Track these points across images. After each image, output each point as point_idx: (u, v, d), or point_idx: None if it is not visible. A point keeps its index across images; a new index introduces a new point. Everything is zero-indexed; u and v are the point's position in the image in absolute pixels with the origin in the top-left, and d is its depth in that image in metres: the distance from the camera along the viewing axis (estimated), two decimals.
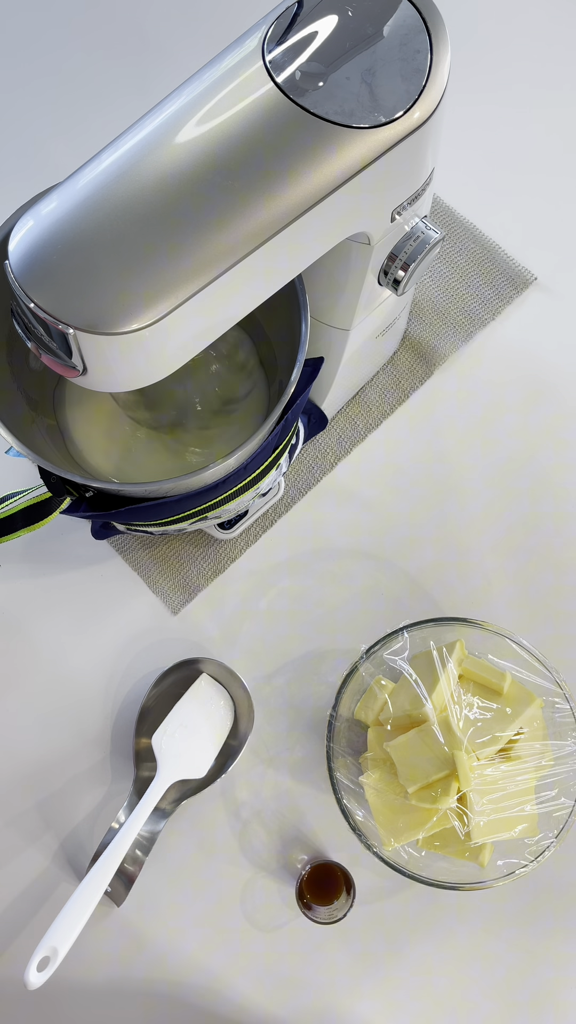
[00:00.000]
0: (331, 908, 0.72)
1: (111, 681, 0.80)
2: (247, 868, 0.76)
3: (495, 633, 0.73)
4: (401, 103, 0.50)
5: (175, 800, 0.75)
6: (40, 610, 0.82)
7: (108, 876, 0.68)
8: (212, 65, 0.51)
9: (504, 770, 0.68)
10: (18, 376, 0.68)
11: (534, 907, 0.75)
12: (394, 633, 0.73)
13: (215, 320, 0.52)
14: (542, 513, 0.84)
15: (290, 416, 0.65)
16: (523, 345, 0.90)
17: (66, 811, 0.77)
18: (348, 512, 0.85)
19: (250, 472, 0.65)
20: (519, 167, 0.96)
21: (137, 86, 0.99)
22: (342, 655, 0.80)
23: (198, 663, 0.78)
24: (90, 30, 1.01)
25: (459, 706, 0.69)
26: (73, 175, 0.50)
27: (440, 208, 0.94)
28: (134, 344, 0.48)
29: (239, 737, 0.77)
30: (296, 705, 0.79)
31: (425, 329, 0.90)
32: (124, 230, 0.47)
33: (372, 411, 0.87)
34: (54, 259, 0.47)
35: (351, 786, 0.71)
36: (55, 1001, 0.73)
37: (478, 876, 0.69)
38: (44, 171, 0.83)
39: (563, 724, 0.72)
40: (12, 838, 0.76)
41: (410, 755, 0.68)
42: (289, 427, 0.66)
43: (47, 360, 0.51)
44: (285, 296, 0.62)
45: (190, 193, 0.48)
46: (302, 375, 0.65)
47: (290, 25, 0.51)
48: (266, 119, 0.49)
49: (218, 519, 0.72)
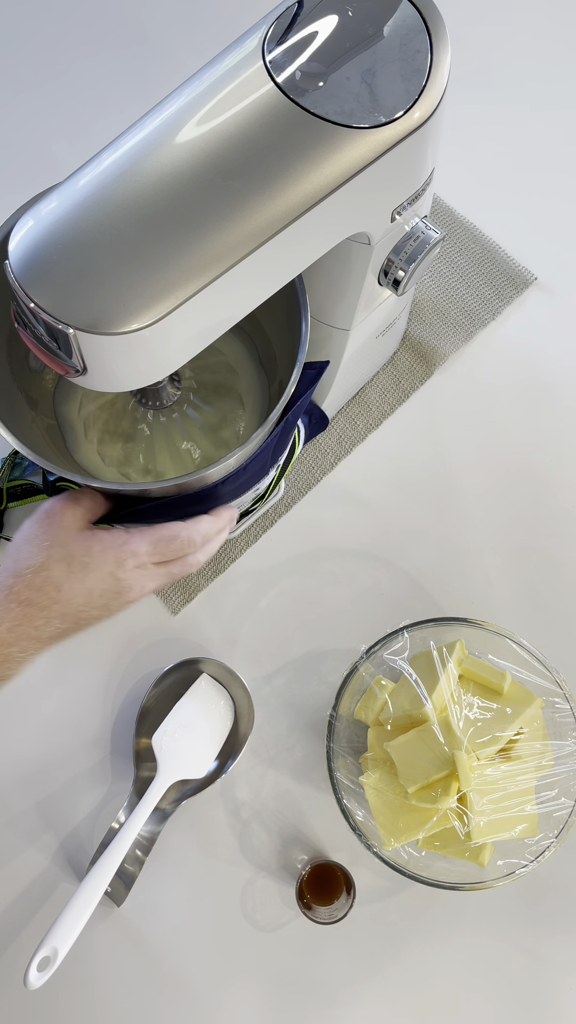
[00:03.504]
0: (331, 908, 0.72)
1: (111, 681, 0.80)
2: (247, 868, 0.76)
3: (495, 633, 0.73)
4: (401, 103, 0.50)
5: (175, 800, 0.75)
6: None
7: (108, 876, 0.68)
8: (212, 65, 0.51)
9: (504, 770, 0.68)
10: (18, 376, 0.68)
11: (534, 907, 0.75)
12: (394, 633, 0.73)
13: (215, 320, 0.52)
14: (542, 513, 0.84)
15: (290, 418, 0.64)
16: (523, 345, 0.90)
17: (66, 811, 0.77)
18: (348, 512, 0.85)
19: (249, 473, 0.65)
20: (519, 167, 0.96)
21: (137, 86, 0.98)
22: (342, 655, 0.80)
23: (198, 663, 0.78)
24: (90, 30, 1.01)
25: (459, 706, 0.69)
26: (73, 175, 0.50)
27: (440, 208, 0.94)
28: (134, 344, 0.48)
29: (239, 737, 0.77)
30: (296, 705, 0.79)
31: (425, 329, 0.90)
32: (124, 230, 0.47)
33: (372, 411, 0.87)
34: (54, 259, 0.47)
35: (351, 786, 0.71)
36: (55, 1001, 0.73)
37: (478, 876, 0.69)
38: (44, 171, 0.83)
39: (563, 724, 0.72)
40: (12, 838, 0.76)
41: (410, 755, 0.68)
42: (290, 429, 0.66)
43: (47, 360, 0.51)
44: (285, 296, 0.62)
45: (190, 193, 0.48)
46: (305, 378, 0.65)
47: (290, 25, 0.51)
48: (266, 119, 0.49)
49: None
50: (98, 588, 0.58)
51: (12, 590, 0.56)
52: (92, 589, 0.57)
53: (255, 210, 0.48)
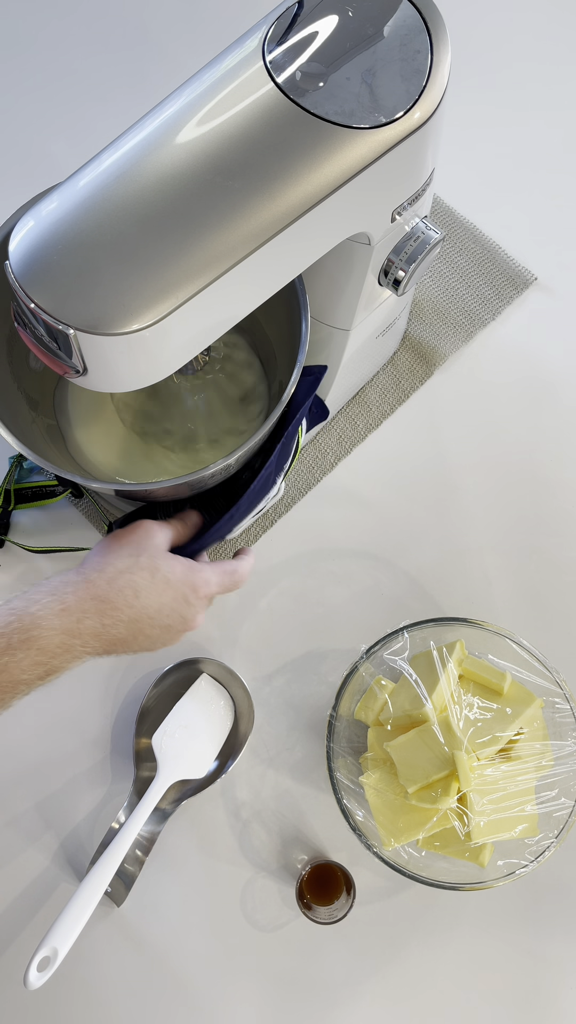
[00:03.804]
0: (331, 908, 0.72)
1: (111, 681, 0.80)
2: (247, 868, 0.76)
3: (495, 633, 0.73)
4: (401, 103, 0.50)
5: (175, 800, 0.75)
6: None
7: (108, 876, 0.68)
8: (212, 65, 0.51)
9: (504, 770, 0.68)
10: (18, 376, 0.68)
11: (534, 907, 0.75)
12: (394, 633, 0.73)
13: (215, 320, 0.52)
14: (542, 513, 0.84)
15: (290, 429, 0.65)
16: (523, 345, 0.90)
17: (66, 811, 0.77)
18: (348, 512, 0.85)
19: (262, 480, 0.66)
20: (519, 167, 0.96)
21: (138, 86, 0.99)
22: (342, 655, 0.80)
23: (198, 663, 0.78)
24: (91, 30, 1.01)
25: (459, 706, 0.69)
26: (73, 175, 0.50)
27: (440, 208, 0.94)
28: (134, 344, 0.48)
29: (239, 737, 0.77)
30: (296, 705, 0.79)
31: (425, 329, 0.90)
32: (124, 230, 0.47)
33: (372, 411, 0.87)
34: (54, 259, 0.47)
35: (351, 786, 0.71)
36: (55, 1001, 0.73)
37: (478, 876, 0.69)
38: (44, 171, 0.83)
39: (563, 724, 0.72)
40: (12, 838, 0.76)
41: (410, 755, 0.68)
42: (291, 439, 0.66)
43: (47, 360, 0.51)
44: (285, 296, 0.62)
45: (190, 193, 0.48)
46: (303, 384, 0.65)
47: (290, 25, 0.51)
48: (266, 119, 0.49)
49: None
50: (169, 606, 0.59)
51: (93, 584, 0.57)
52: (164, 605, 0.59)
53: (255, 210, 0.48)
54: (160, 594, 0.58)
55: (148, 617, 0.58)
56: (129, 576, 0.58)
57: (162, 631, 0.60)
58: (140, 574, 0.58)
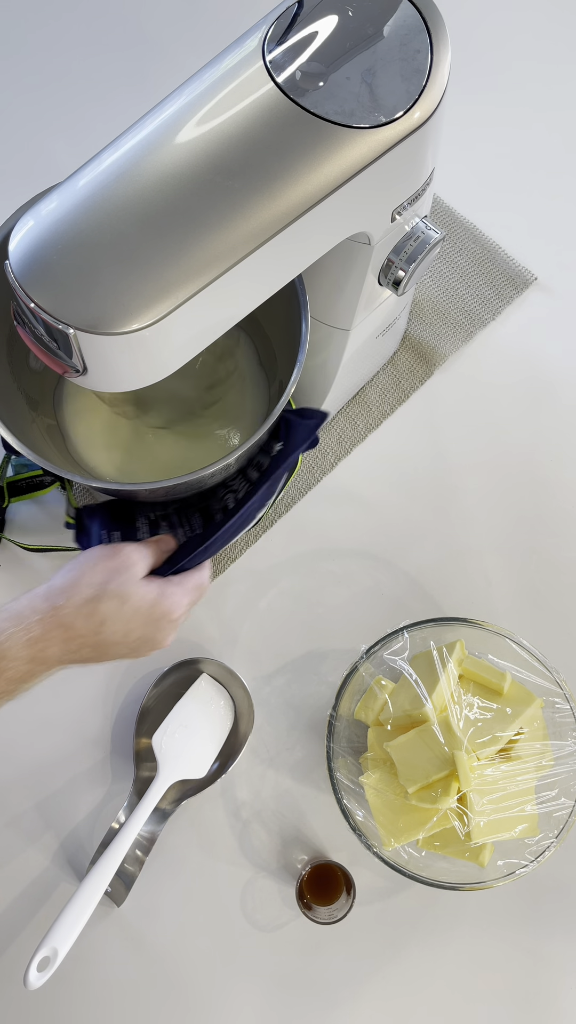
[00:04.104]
0: (331, 908, 0.72)
1: (111, 681, 0.80)
2: (247, 868, 0.75)
3: (495, 633, 0.73)
4: (401, 103, 0.50)
5: (175, 800, 0.75)
6: None
7: (108, 876, 0.68)
8: (212, 65, 0.51)
9: (504, 770, 0.68)
10: (18, 376, 0.68)
11: (534, 907, 0.75)
12: (394, 633, 0.73)
13: (215, 320, 0.52)
14: (542, 513, 0.84)
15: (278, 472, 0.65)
16: (523, 345, 0.90)
17: (66, 811, 0.77)
18: (348, 512, 0.85)
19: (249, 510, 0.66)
20: (519, 167, 0.96)
21: (137, 86, 0.98)
22: (342, 655, 0.80)
23: (198, 663, 0.78)
24: (91, 30, 1.01)
25: (459, 706, 0.69)
26: (73, 175, 0.50)
27: (440, 208, 0.94)
28: (134, 344, 0.48)
29: (239, 737, 0.77)
30: (296, 705, 0.79)
31: (425, 329, 0.90)
32: (124, 230, 0.47)
33: (372, 411, 0.87)
34: (54, 259, 0.47)
35: (351, 786, 0.71)
36: (55, 1001, 0.73)
37: (478, 876, 0.69)
38: (44, 171, 0.83)
39: (563, 724, 0.72)
40: (12, 838, 0.76)
41: (410, 755, 0.68)
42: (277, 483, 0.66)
43: (47, 360, 0.51)
44: (285, 296, 0.62)
45: (190, 193, 0.48)
46: (302, 429, 0.65)
47: (290, 25, 0.51)
48: (266, 119, 0.49)
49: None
50: (136, 632, 0.60)
51: (59, 611, 0.57)
52: (132, 631, 0.59)
53: (255, 210, 0.48)
54: (127, 622, 0.59)
55: (114, 643, 0.59)
56: (95, 605, 0.58)
57: (130, 651, 0.61)
58: (107, 603, 0.58)
